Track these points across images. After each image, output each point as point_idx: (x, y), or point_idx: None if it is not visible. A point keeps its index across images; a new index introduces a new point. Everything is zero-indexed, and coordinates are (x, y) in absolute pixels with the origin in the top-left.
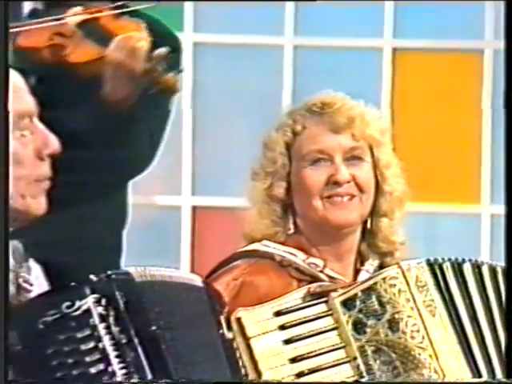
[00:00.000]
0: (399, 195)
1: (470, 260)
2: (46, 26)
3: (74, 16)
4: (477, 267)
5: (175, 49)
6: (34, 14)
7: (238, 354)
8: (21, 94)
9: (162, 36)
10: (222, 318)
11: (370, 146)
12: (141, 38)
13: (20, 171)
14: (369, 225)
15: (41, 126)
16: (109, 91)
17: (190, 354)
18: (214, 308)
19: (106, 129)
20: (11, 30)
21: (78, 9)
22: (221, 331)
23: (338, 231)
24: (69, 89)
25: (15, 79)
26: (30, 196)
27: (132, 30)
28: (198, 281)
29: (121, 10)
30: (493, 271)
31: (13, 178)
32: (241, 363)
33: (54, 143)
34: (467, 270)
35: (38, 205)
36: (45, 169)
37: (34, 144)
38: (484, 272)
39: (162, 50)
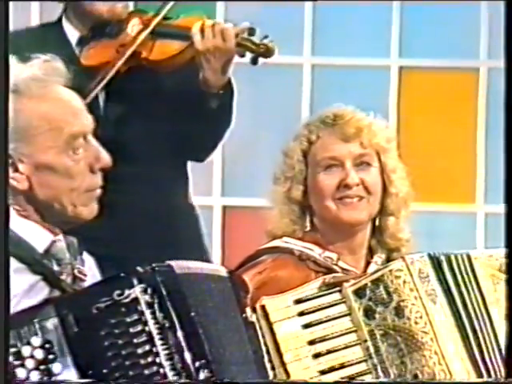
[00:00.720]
0: (404, 196)
1: (453, 253)
2: (112, 43)
3: (133, 27)
4: (456, 258)
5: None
6: (84, 40)
7: (259, 335)
8: (78, 116)
9: None
10: (246, 303)
11: (377, 153)
12: (222, 22)
13: (71, 184)
14: (377, 223)
15: (94, 143)
16: (208, 76)
17: (221, 337)
18: (237, 294)
19: (193, 119)
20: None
21: (136, 20)
22: (244, 315)
23: (350, 228)
24: (142, 95)
25: (73, 99)
26: (81, 205)
27: (199, 19)
28: (223, 271)
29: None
30: (462, 260)
31: (65, 190)
32: (262, 343)
33: (105, 158)
34: (454, 261)
35: (89, 211)
36: (96, 180)
37: (86, 159)
38: (460, 262)
39: (245, 24)
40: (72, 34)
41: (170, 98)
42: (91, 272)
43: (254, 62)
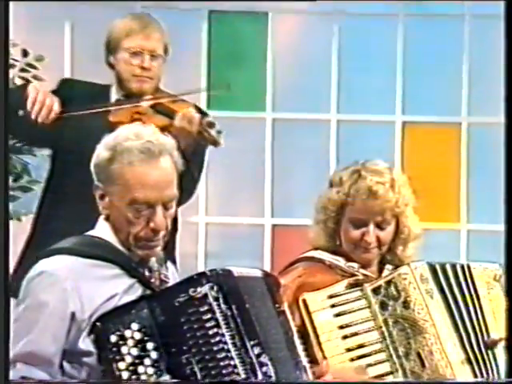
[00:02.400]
0: (413, 236)
1: (449, 262)
2: (130, 107)
3: (147, 101)
4: (453, 267)
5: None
6: (118, 101)
7: (289, 320)
8: (147, 188)
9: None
10: (279, 296)
11: (396, 216)
12: (194, 112)
13: (129, 229)
14: (390, 249)
15: (159, 212)
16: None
17: (266, 323)
18: (271, 290)
19: None
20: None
21: (149, 97)
22: (276, 305)
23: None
24: None
25: (151, 175)
26: (135, 247)
27: (186, 108)
28: (259, 273)
29: (175, 98)
30: (462, 269)
31: (124, 231)
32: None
33: (158, 222)
34: (448, 268)
35: (144, 254)
36: (152, 235)
37: (146, 219)
38: (458, 270)
39: (209, 119)
40: (113, 97)
41: None
42: (173, 276)
43: (205, 146)
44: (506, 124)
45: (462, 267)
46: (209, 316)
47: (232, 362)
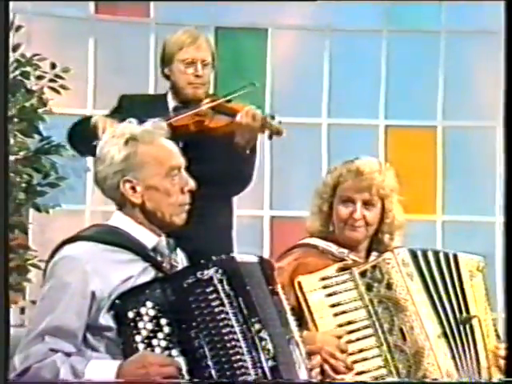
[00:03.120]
0: (398, 224)
1: (431, 249)
2: (192, 113)
3: (205, 105)
4: (435, 253)
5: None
6: (176, 108)
7: (283, 300)
8: (174, 156)
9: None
10: (273, 278)
11: (381, 198)
12: (255, 108)
13: (169, 200)
14: (377, 236)
15: (184, 173)
16: (240, 141)
17: (263, 302)
18: (265, 274)
19: (232, 166)
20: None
21: (207, 100)
22: (270, 287)
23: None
24: (204, 146)
25: (171, 145)
26: (175, 215)
27: (244, 106)
28: (255, 259)
29: (228, 98)
30: (446, 257)
31: (164, 204)
32: (285, 306)
33: (192, 183)
34: (430, 255)
35: (180, 220)
36: (185, 198)
37: (179, 184)
38: (440, 257)
39: (269, 114)
40: (171, 104)
41: (217, 156)
42: (182, 262)
43: (270, 138)
44: (504, 123)
45: (447, 255)
46: (214, 296)
47: (235, 337)
